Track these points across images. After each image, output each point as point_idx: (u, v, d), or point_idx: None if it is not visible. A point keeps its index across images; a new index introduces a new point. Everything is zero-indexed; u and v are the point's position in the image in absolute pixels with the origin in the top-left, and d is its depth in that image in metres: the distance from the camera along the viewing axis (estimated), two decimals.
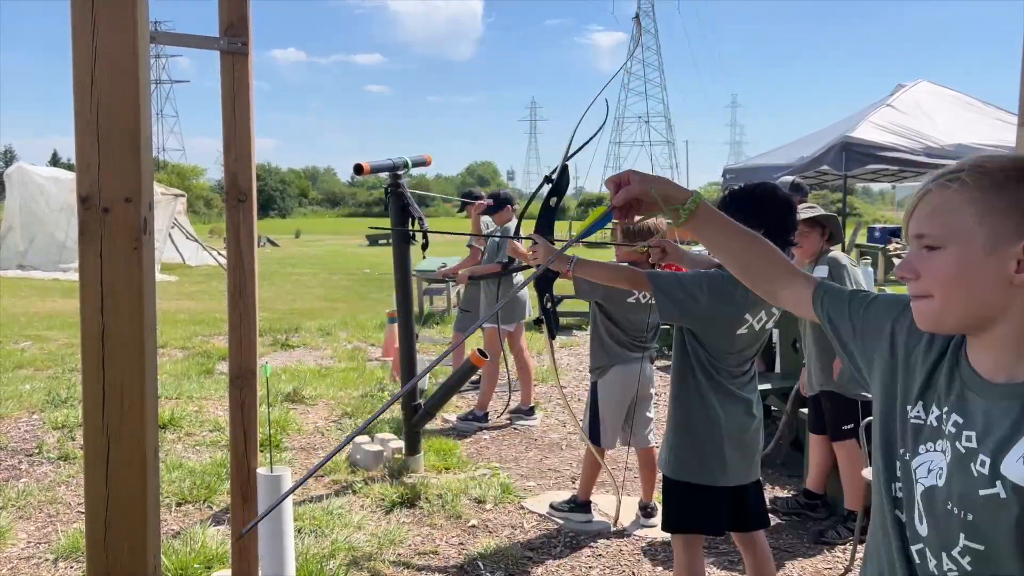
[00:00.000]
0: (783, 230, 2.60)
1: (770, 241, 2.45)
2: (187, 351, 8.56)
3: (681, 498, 2.74)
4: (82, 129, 1.63)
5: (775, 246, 1.69)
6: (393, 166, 4.66)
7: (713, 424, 2.66)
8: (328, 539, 3.82)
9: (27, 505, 4.24)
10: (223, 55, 2.85)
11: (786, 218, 2.63)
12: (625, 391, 3.99)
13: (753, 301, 2.56)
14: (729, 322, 2.60)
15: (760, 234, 2.53)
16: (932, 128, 8.65)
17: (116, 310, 1.66)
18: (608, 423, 4.03)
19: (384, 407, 1.45)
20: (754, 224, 2.58)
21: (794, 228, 2.69)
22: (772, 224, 2.57)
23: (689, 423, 2.70)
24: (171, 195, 19.59)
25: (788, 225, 2.64)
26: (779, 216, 2.60)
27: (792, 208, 2.70)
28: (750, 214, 2.60)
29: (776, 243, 2.59)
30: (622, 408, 4.06)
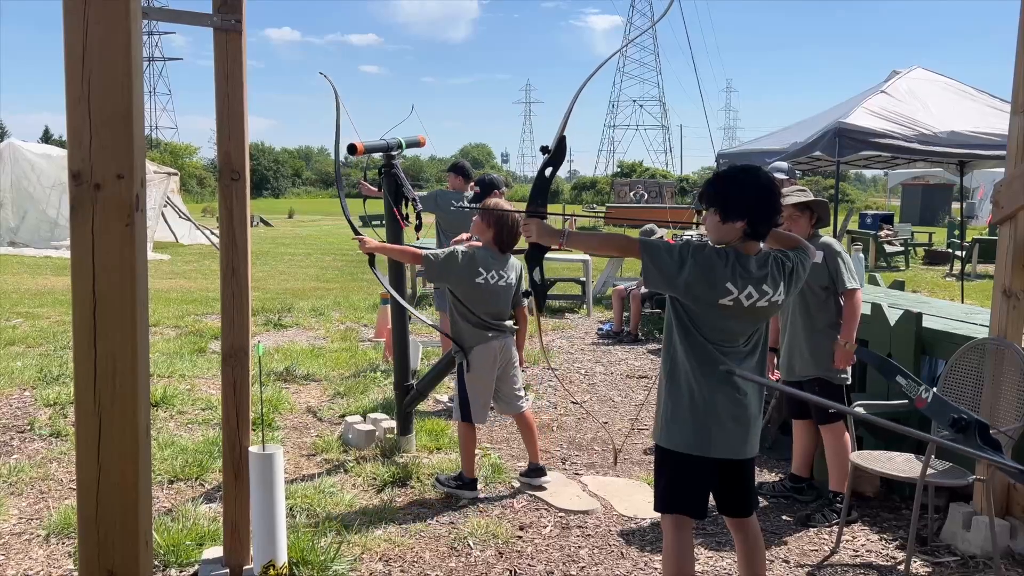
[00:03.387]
0: (768, 213, 2.63)
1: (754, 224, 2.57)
2: (179, 330, 8.55)
3: (669, 474, 2.76)
4: (73, 105, 1.62)
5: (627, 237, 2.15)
6: (387, 147, 4.65)
7: (695, 394, 2.68)
8: (320, 517, 3.84)
9: (19, 481, 4.25)
10: (216, 32, 2.84)
11: (769, 203, 2.64)
12: (487, 369, 4.22)
13: (740, 275, 2.59)
14: (711, 291, 2.60)
15: (745, 221, 2.58)
16: (926, 115, 8.64)
17: (107, 286, 1.66)
18: (476, 401, 4.23)
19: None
20: (737, 211, 2.61)
21: (779, 210, 2.70)
22: (755, 211, 2.61)
23: (673, 392, 2.73)
24: (164, 173, 19.46)
25: (773, 208, 2.65)
26: (761, 203, 2.62)
27: (777, 190, 2.71)
28: (734, 201, 2.62)
29: (762, 227, 2.64)
30: (489, 385, 4.26)
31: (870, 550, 3.72)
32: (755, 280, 2.62)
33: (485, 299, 4.18)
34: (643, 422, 5.66)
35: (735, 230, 2.63)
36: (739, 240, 2.66)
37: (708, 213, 2.68)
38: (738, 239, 2.65)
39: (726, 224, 2.64)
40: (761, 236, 2.68)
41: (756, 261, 2.66)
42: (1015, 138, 3.57)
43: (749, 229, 2.62)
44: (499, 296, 4.24)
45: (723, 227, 2.65)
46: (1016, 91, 3.55)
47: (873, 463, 3.64)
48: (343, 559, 3.41)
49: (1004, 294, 3.61)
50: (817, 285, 3.96)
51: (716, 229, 2.67)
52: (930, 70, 9.90)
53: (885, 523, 3.99)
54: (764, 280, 2.64)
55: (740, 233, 2.63)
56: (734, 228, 2.63)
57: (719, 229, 2.66)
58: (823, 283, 3.97)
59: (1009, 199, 3.55)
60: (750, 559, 2.90)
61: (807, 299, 4.01)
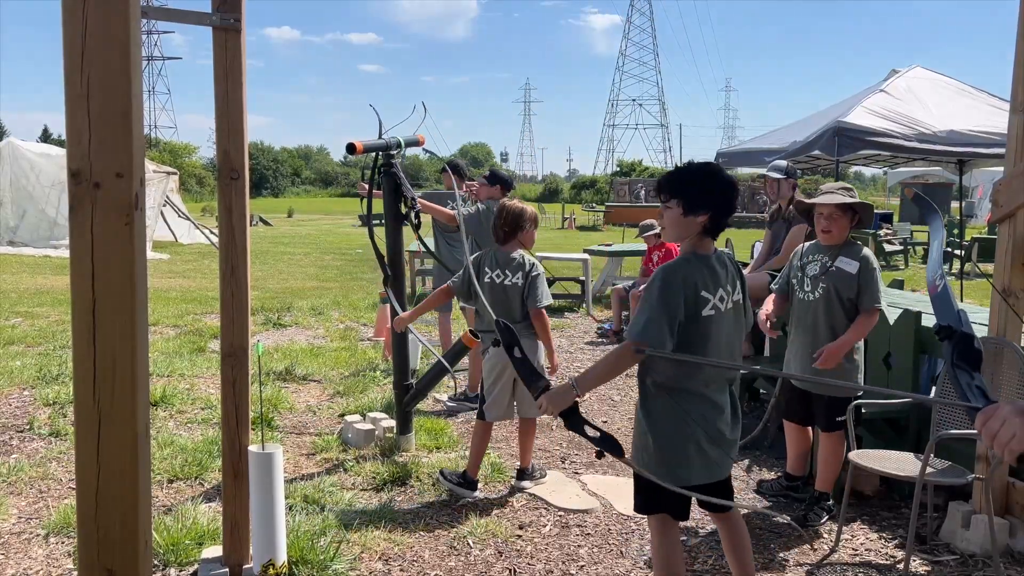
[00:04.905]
0: (727, 210, 2.65)
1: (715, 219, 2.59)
2: (179, 329, 8.54)
3: (648, 487, 2.72)
4: (73, 103, 1.62)
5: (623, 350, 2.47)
6: (386, 146, 4.64)
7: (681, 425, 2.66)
8: (319, 516, 3.84)
9: (18, 481, 4.25)
10: (216, 31, 2.84)
11: (731, 198, 2.67)
12: (502, 369, 4.20)
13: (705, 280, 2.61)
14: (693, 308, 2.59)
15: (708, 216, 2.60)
16: (925, 114, 8.64)
17: (107, 286, 1.66)
18: (491, 399, 4.24)
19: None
20: (702, 204, 2.61)
21: (733, 209, 2.72)
22: (719, 205, 2.62)
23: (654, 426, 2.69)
24: (163, 173, 19.45)
25: (732, 205, 2.68)
26: (725, 198, 2.64)
27: (735, 189, 2.72)
28: (699, 194, 2.62)
29: (719, 222, 2.65)
30: (506, 385, 4.25)
31: (869, 549, 3.72)
32: (720, 281, 2.65)
33: (495, 299, 4.19)
34: None
35: (696, 224, 2.63)
36: (697, 237, 2.65)
37: (669, 206, 2.66)
38: (697, 235, 2.65)
39: (688, 217, 2.63)
40: (717, 232, 2.68)
41: (715, 259, 2.69)
42: (1014, 137, 3.57)
43: (710, 224, 2.63)
44: (506, 295, 4.23)
45: (684, 220, 2.64)
46: (1015, 89, 3.55)
47: (872, 462, 3.64)
48: (342, 558, 3.41)
49: (1003, 293, 3.60)
50: (845, 296, 3.81)
51: (677, 223, 2.66)
52: (929, 69, 9.90)
53: (884, 522, 3.99)
54: (727, 279, 2.68)
55: (700, 228, 2.63)
56: (695, 222, 2.62)
57: (680, 223, 2.65)
58: (851, 295, 3.80)
59: (1008, 198, 3.55)
60: (737, 550, 2.90)
61: (833, 310, 3.83)
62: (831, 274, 3.84)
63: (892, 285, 6.94)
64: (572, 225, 32.57)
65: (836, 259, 3.85)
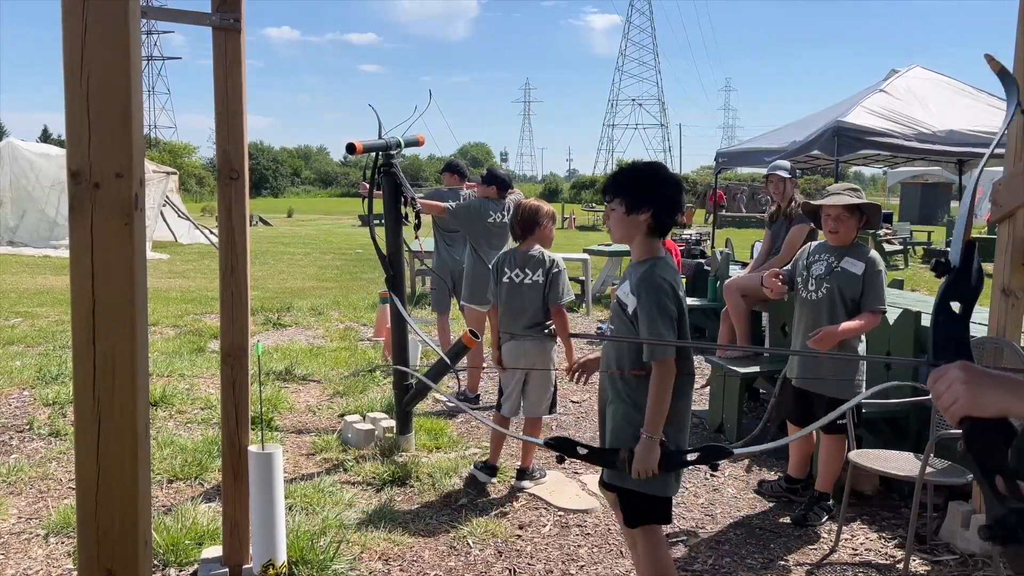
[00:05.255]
0: (671, 208, 2.63)
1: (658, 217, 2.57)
2: (179, 329, 8.54)
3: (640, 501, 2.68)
4: (72, 104, 1.62)
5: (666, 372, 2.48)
6: (386, 146, 4.64)
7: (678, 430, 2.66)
8: (319, 516, 3.84)
9: (18, 481, 4.25)
10: (215, 31, 2.84)
11: (674, 196, 2.66)
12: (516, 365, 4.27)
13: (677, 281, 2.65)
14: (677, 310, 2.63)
15: (651, 213, 2.58)
16: (924, 114, 8.66)
17: (107, 286, 1.66)
18: (506, 393, 4.32)
19: None
20: (644, 201, 2.59)
21: (681, 207, 2.71)
22: (661, 202, 2.61)
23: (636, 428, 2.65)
24: (163, 173, 19.44)
25: (676, 203, 2.66)
26: (668, 194, 2.63)
27: (679, 187, 2.71)
28: (640, 192, 2.61)
29: (664, 220, 2.64)
30: (518, 382, 4.31)
31: (869, 549, 3.72)
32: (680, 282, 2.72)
33: (513, 299, 4.23)
34: None
35: (639, 223, 2.61)
36: (645, 238, 2.64)
37: (613, 207, 2.66)
38: (644, 235, 2.64)
39: (631, 216, 2.61)
40: (663, 231, 2.67)
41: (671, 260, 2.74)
42: (1014, 136, 3.57)
43: (653, 222, 2.61)
44: (525, 294, 4.24)
45: (627, 219, 2.62)
46: None
47: (872, 462, 3.64)
48: (342, 558, 3.41)
49: (1003, 293, 3.61)
50: (849, 298, 3.80)
51: (621, 222, 2.64)
52: (929, 69, 9.92)
53: (884, 522, 4.00)
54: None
55: (645, 227, 2.62)
56: (638, 221, 2.61)
57: (623, 222, 2.63)
58: (855, 296, 3.79)
59: (1008, 197, 3.54)
60: None
61: (836, 311, 3.81)
62: (836, 275, 3.84)
63: (892, 285, 6.94)
64: (572, 225, 32.56)
65: (842, 260, 3.84)
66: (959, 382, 1.29)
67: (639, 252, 2.67)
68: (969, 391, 1.28)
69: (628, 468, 2.54)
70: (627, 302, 2.62)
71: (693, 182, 51.93)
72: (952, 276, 1.50)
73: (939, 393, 1.32)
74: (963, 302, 1.48)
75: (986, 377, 1.29)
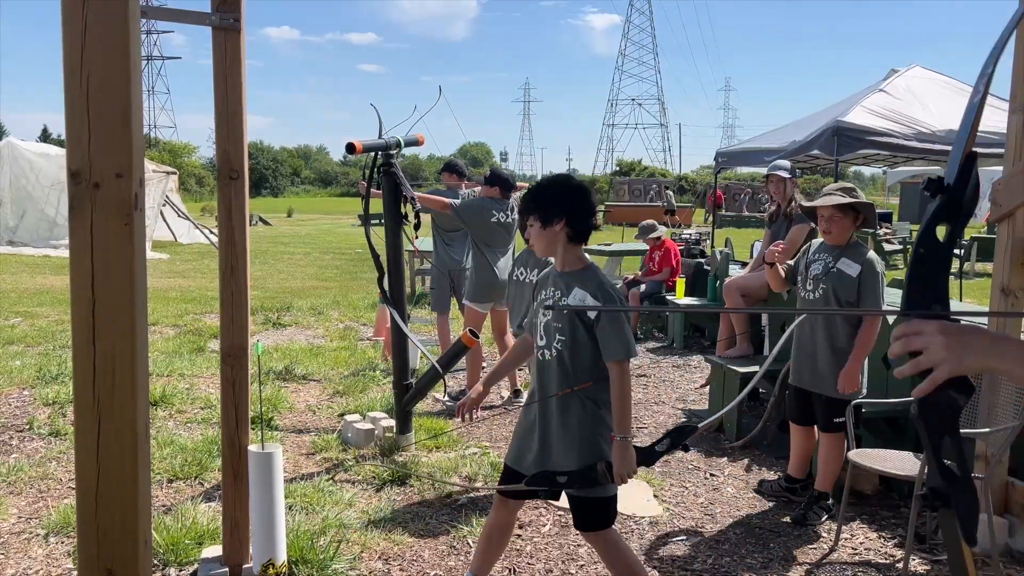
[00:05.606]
0: (582, 215, 2.72)
1: (573, 224, 2.68)
2: (178, 329, 8.54)
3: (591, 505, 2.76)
4: (72, 104, 1.62)
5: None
6: (386, 145, 4.64)
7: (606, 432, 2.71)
8: (319, 516, 3.84)
9: (18, 480, 4.25)
10: (215, 31, 2.84)
11: (582, 204, 2.74)
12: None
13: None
14: None
15: (564, 222, 2.68)
16: (924, 113, 8.65)
17: (107, 286, 1.66)
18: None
19: None
20: (555, 212, 2.70)
21: (592, 212, 2.79)
22: (571, 211, 2.71)
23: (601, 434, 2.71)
24: (162, 172, 19.45)
25: (586, 209, 2.75)
26: (576, 202, 2.72)
27: (587, 193, 2.79)
28: (551, 204, 2.72)
29: (579, 227, 2.72)
30: None
31: (869, 548, 3.72)
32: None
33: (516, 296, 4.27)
34: (641, 420, 5.67)
35: (556, 234, 2.71)
36: (569, 246, 2.73)
37: (531, 224, 2.76)
38: (565, 245, 2.73)
39: (547, 229, 2.72)
40: (582, 238, 2.75)
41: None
42: (1013, 136, 3.58)
43: (570, 230, 2.70)
44: (524, 293, 4.32)
45: (545, 232, 2.73)
46: (1014, 89, 3.56)
47: (871, 461, 3.64)
48: (342, 558, 3.41)
49: (1002, 292, 3.61)
50: (844, 299, 3.79)
51: (540, 237, 2.75)
52: (928, 68, 9.91)
53: (884, 521, 4.00)
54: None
55: (564, 237, 2.71)
56: (555, 232, 2.71)
57: (542, 236, 2.74)
58: (850, 298, 3.78)
59: (1007, 197, 3.55)
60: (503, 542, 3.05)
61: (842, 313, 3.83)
62: (832, 275, 3.84)
63: (892, 285, 6.93)
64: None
65: (839, 260, 3.84)
66: (940, 347, 1.22)
67: (568, 261, 2.76)
68: (951, 354, 1.22)
69: (610, 477, 2.60)
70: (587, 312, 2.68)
71: (693, 182, 51.91)
72: (945, 197, 1.37)
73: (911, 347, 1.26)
74: (952, 223, 1.37)
75: (967, 336, 1.23)
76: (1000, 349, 1.24)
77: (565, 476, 2.63)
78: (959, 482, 1.31)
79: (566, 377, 2.69)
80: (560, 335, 2.68)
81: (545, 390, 2.74)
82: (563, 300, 2.68)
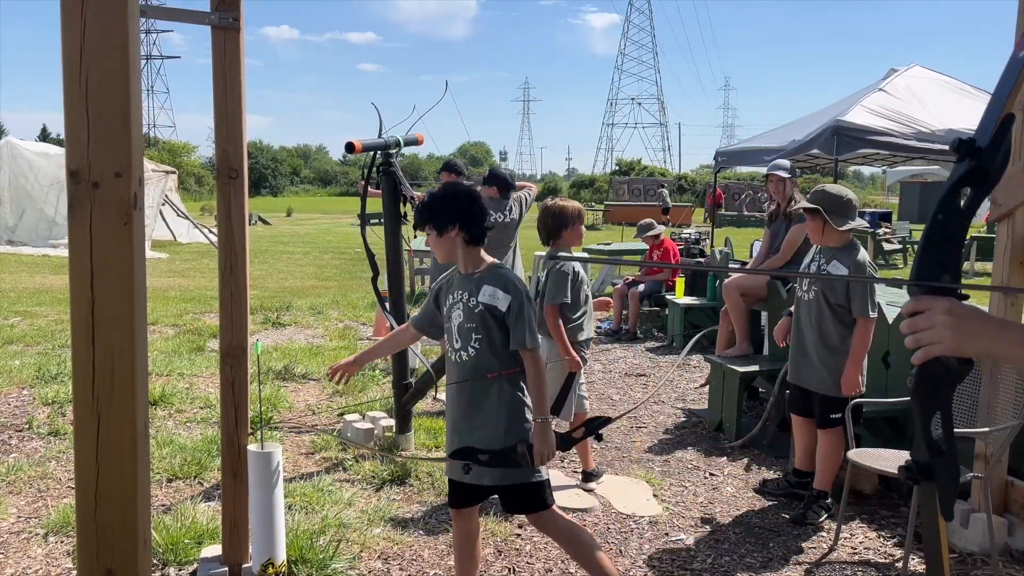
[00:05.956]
0: (473, 218, 2.80)
1: (467, 228, 2.77)
2: (178, 328, 8.54)
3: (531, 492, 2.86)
4: (71, 103, 1.62)
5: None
6: (385, 145, 4.64)
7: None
8: (318, 515, 3.84)
9: (17, 480, 4.25)
10: (214, 30, 2.84)
11: (471, 208, 2.82)
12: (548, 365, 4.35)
13: None
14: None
15: (457, 227, 2.77)
16: (924, 113, 8.66)
17: (106, 285, 1.66)
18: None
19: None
20: (449, 219, 2.78)
21: (483, 216, 2.85)
22: (462, 216, 2.79)
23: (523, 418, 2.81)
24: (162, 172, 19.44)
25: (476, 213, 2.82)
26: (465, 208, 2.80)
27: (475, 199, 2.87)
28: (442, 213, 2.81)
29: (473, 230, 2.80)
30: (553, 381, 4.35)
31: (868, 548, 3.72)
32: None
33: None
34: (640, 420, 5.67)
35: (453, 239, 2.80)
36: (468, 249, 2.81)
37: (429, 234, 2.85)
38: (464, 248, 2.81)
39: (444, 236, 2.81)
40: (478, 240, 2.83)
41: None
42: (1012, 136, 3.57)
43: (465, 234, 2.79)
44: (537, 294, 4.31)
45: (442, 240, 2.82)
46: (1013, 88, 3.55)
47: (871, 461, 3.64)
48: (342, 557, 3.41)
49: (1003, 294, 3.61)
50: (834, 302, 3.83)
51: (438, 244, 2.85)
52: (928, 68, 9.92)
53: (883, 521, 4.00)
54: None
55: (461, 241, 2.80)
56: (451, 238, 2.80)
57: (440, 243, 2.84)
58: (839, 300, 3.82)
59: (1007, 196, 3.55)
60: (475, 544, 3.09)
61: (822, 313, 3.87)
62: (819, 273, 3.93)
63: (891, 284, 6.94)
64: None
65: (830, 262, 3.89)
66: (945, 326, 1.22)
67: (471, 263, 2.84)
68: (954, 336, 1.22)
69: (530, 459, 2.71)
70: (497, 305, 2.74)
71: (692, 181, 51.88)
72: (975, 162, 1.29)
73: (917, 327, 1.25)
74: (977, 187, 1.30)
75: (972, 321, 1.23)
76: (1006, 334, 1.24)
77: (487, 455, 2.74)
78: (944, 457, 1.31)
79: (480, 375, 2.79)
80: (475, 334, 2.77)
81: (463, 389, 2.84)
82: (471, 300, 2.78)
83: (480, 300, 2.76)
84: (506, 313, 2.73)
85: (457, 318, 2.81)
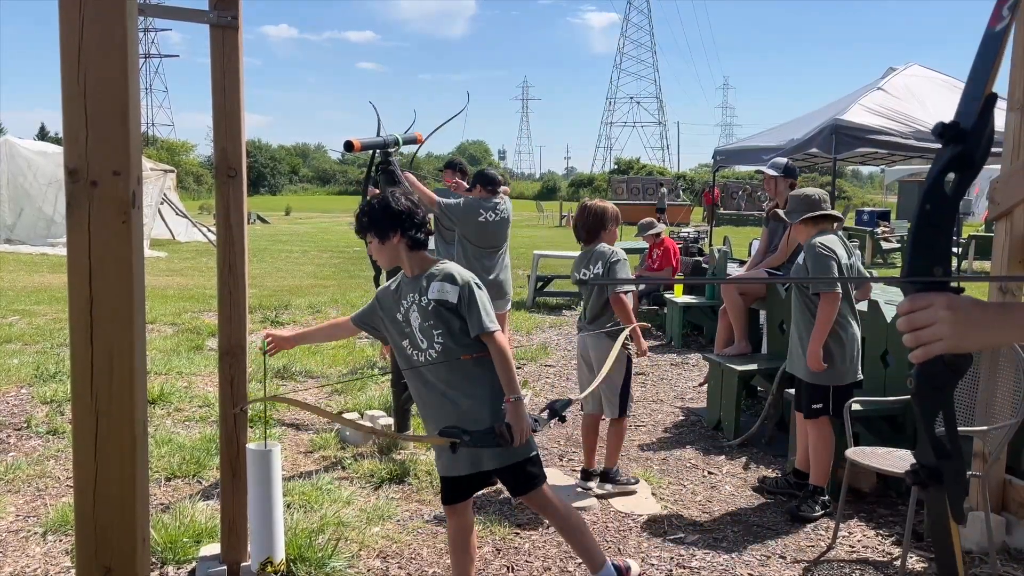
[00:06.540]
0: (412, 224, 2.86)
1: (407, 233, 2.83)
2: (177, 327, 8.54)
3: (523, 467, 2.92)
4: (70, 102, 1.61)
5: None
6: (384, 143, 4.64)
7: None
8: (317, 514, 3.84)
9: (15, 479, 4.25)
10: (213, 29, 2.84)
11: (409, 214, 2.86)
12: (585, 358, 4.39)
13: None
14: None
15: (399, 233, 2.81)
16: (922, 112, 8.66)
17: (104, 284, 1.66)
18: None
19: None
20: (388, 227, 2.82)
21: (424, 221, 2.92)
22: (400, 222, 2.84)
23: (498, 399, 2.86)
24: (160, 171, 19.43)
25: (413, 219, 2.87)
26: (404, 215, 2.84)
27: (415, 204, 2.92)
28: (382, 221, 2.86)
29: (414, 235, 2.84)
30: (580, 377, 4.50)
31: (866, 546, 3.73)
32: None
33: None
34: (639, 419, 5.67)
35: (395, 246, 2.85)
36: (412, 254, 2.86)
37: (371, 242, 2.89)
38: (408, 253, 2.86)
39: (386, 243, 2.85)
40: (420, 244, 2.88)
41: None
42: (1011, 135, 3.58)
43: (407, 239, 2.84)
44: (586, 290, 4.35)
45: (385, 247, 2.86)
46: (1012, 88, 3.56)
47: (869, 459, 3.65)
48: (341, 556, 3.42)
49: (1000, 291, 3.61)
50: (807, 289, 4.00)
51: (381, 252, 2.89)
52: (926, 67, 9.91)
53: (881, 519, 4.00)
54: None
55: (404, 247, 2.85)
56: (394, 244, 2.85)
57: (383, 251, 2.88)
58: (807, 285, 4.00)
59: (1005, 196, 3.55)
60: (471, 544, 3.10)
61: (801, 303, 4.06)
62: (796, 269, 4.19)
63: (890, 283, 6.94)
64: (571, 223, 32.60)
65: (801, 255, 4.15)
66: (946, 323, 1.19)
67: (417, 266, 2.88)
68: (955, 332, 1.19)
69: (510, 438, 2.76)
70: (447, 298, 2.79)
71: (691, 180, 51.90)
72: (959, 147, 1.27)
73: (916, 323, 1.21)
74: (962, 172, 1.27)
75: (973, 314, 1.20)
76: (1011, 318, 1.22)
77: (468, 435, 2.76)
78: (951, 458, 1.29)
79: (453, 366, 2.82)
80: (435, 330, 2.81)
81: (435, 387, 2.86)
82: (422, 300, 2.82)
83: (431, 297, 2.81)
84: (458, 304, 2.78)
85: (416, 320, 2.85)
